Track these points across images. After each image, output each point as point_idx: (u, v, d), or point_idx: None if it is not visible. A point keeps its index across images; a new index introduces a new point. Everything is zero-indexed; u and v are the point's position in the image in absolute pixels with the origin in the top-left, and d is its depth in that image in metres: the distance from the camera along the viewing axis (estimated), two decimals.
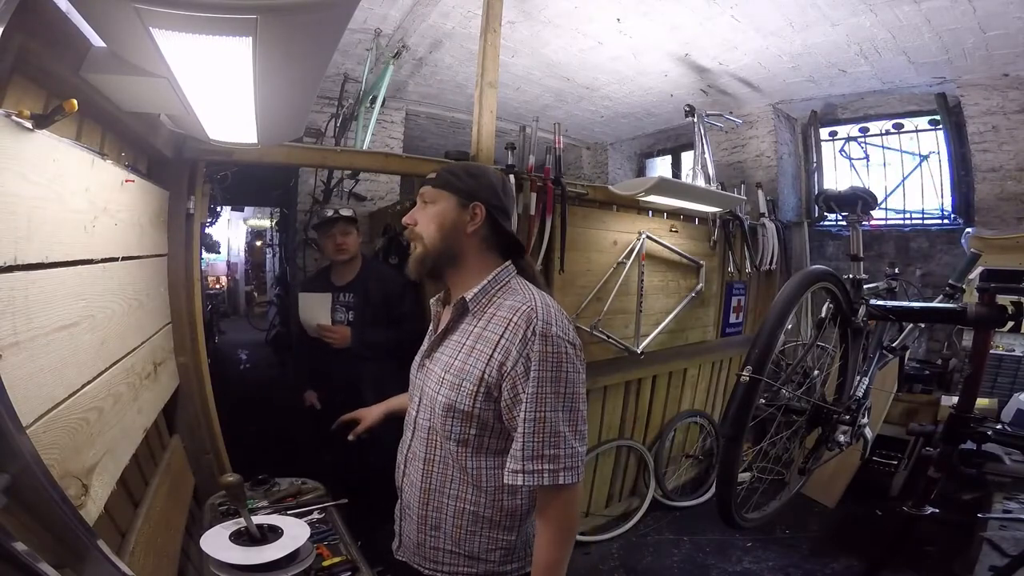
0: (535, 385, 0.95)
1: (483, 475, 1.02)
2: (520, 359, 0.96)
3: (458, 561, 1.05)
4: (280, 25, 0.74)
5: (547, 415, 0.95)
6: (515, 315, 0.99)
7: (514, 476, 0.96)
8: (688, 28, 2.99)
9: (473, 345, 1.02)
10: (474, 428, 1.01)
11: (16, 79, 0.80)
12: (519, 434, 0.96)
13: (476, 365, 1.00)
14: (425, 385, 1.10)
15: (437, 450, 1.06)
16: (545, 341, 0.96)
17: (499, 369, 0.98)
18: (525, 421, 0.95)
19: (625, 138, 5.39)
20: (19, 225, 0.78)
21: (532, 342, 0.96)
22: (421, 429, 1.09)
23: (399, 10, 2.87)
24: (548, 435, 0.95)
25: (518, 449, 0.96)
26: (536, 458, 0.95)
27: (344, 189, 3.91)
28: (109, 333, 1.14)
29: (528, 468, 0.95)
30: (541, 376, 0.95)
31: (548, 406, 0.95)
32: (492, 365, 0.98)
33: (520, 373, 0.96)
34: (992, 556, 1.91)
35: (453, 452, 1.03)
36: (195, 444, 1.84)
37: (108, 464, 1.04)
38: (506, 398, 0.98)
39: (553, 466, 0.94)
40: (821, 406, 1.92)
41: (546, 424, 0.95)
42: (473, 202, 1.07)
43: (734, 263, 3.49)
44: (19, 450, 0.63)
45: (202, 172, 1.89)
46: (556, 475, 0.94)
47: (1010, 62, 3.05)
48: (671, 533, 2.96)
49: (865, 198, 2.04)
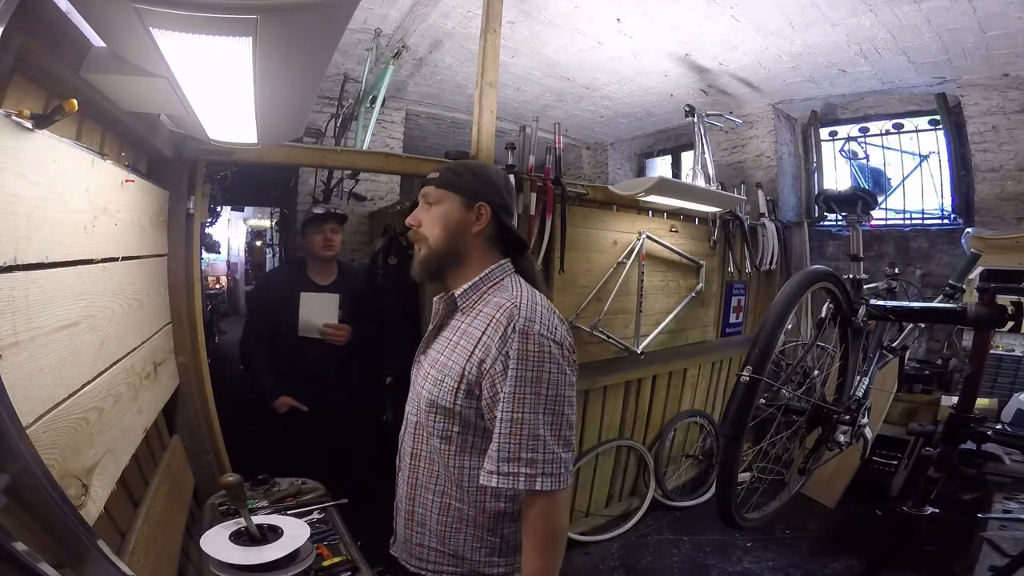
0: (513, 384, 0.92)
1: (465, 475, 1.00)
2: (499, 356, 0.93)
3: (443, 560, 1.04)
4: (280, 25, 0.74)
5: (525, 416, 0.91)
6: (498, 311, 0.97)
7: (488, 477, 0.93)
8: (688, 28, 2.99)
9: (457, 341, 1.02)
10: (456, 425, 0.99)
11: (16, 79, 0.80)
12: (496, 434, 0.93)
13: (457, 361, 0.99)
14: (415, 380, 1.10)
15: (423, 445, 1.05)
16: (526, 339, 0.93)
17: (479, 366, 0.96)
18: (502, 421, 0.92)
19: (625, 138, 5.39)
20: (19, 225, 0.78)
21: (512, 339, 0.93)
22: (410, 424, 1.09)
23: (399, 10, 2.87)
24: (526, 437, 0.91)
25: (494, 450, 0.93)
26: (512, 460, 0.91)
27: (344, 189, 3.91)
28: (109, 333, 1.14)
29: (503, 470, 0.91)
30: (520, 375, 0.92)
31: (527, 407, 0.92)
32: (472, 362, 0.97)
33: (499, 371, 0.93)
34: (992, 556, 1.91)
35: (438, 448, 1.02)
36: (195, 444, 1.84)
37: (108, 464, 1.04)
38: (486, 397, 0.96)
39: (530, 470, 0.91)
40: (821, 406, 1.92)
41: (524, 426, 0.91)
42: (478, 202, 1.06)
43: (734, 263, 3.49)
44: (19, 450, 0.63)
45: (202, 172, 1.88)
46: (533, 480, 0.91)
47: (1010, 62, 3.05)
48: (671, 533, 2.96)
49: (865, 198, 2.05)
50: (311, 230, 2.38)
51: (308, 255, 2.45)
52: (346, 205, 4.06)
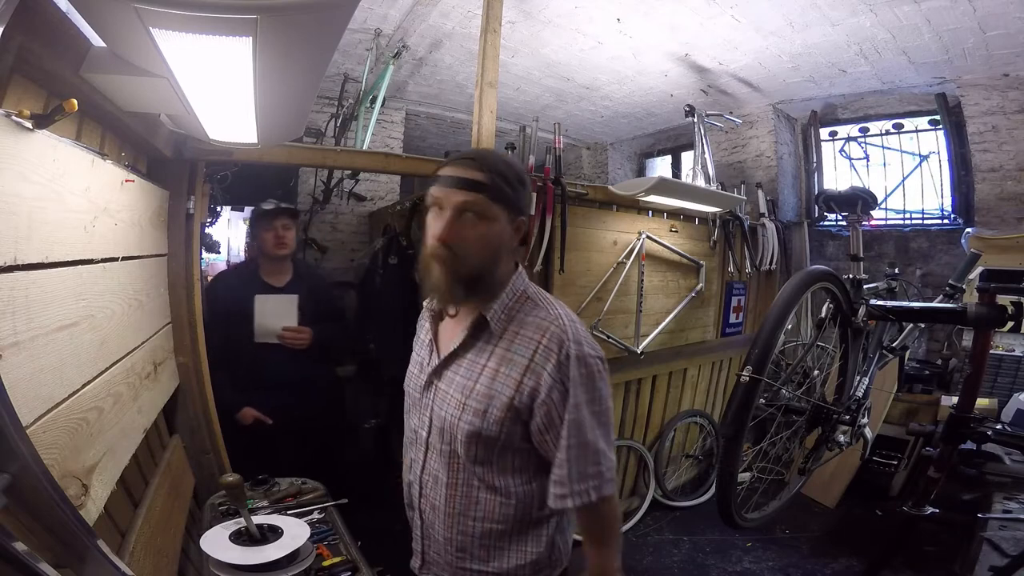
0: (575, 410, 0.93)
1: (510, 491, 0.99)
2: (555, 385, 0.93)
3: None
4: (280, 25, 0.74)
5: (587, 436, 0.94)
6: (544, 337, 0.94)
7: (561, 501, 0.94)
8: (688, 28, 2.99)
9: (497, 368, 0.96)
10: (498, 451, 0.98)
11: (16, 79, 0.80)
12: (562, 460, 0.94)
13: (503, 391, 0.95)
14: (438, 407, 1.01)
15: (460, 473, 1.01)
16: (580, 363, 0.93)
17: (530, 394, 0.94)
18: (568, 448, 0.93)
19: (625, 138, 5.39)
20: (19, 225, 0.78)
21: (567, 367, 0.93)
22: (440, 453, 1.02)
23: (399, 10, 2.87)
24: (590, 455, 0.94)
25: (563, 475, 0.93)
26: (582, 479, 0.94)
27: (344, 189, 3.91)
28: (109, 333, 1.14)
29: (575, 490, 0.93)
30: (579, 400, 0.93)
31: (587, 428, 0.94)
32: (522, 391, 0.94)
33: (556, 400, 0.93)
34: (992, 556, 1.90)
35: (477, 473, 0.99)
36: (195, 444, 1.84)
37: (108, 464, 1.04)
38: (538, 423, 0.95)
39: (597, 482, 0.94)
40: (821, 406, 1.93)
41: (588, 446, 0.94)
42: (521, 217, 0.99)
43: (734, 263, 3.49)
44: (19, 450, 0.63)
45: (202, 172, 1.88)
46: (600, 489, 0.95)
47: (1010, 62, 3.05)
48: (671, 533, 2.96)
49: (865, 198, 2.05)
50: (261, 227, 2.23)
51: (260, 255, 2.30)
52: (346, 205, 4.06)
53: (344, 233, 4.11)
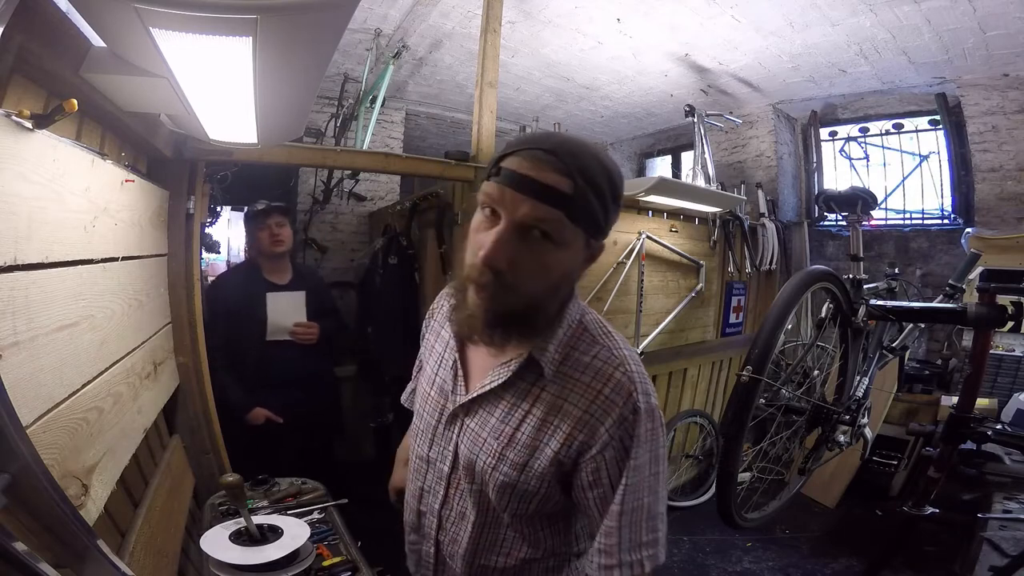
0: (634, 474, 0.77)
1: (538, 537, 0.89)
2: (611, 442, 0.77)
3: None
4: (280, 25, 0.74)
5: (645, 500, 0.78)
6: (605, 386, 0.78)
7: (607, 572, 0.77)
8: (688, 28, 2.99)
9: (544, 418, 0.80)
10: (534, 503, 0.84)
11: (16, 79, 0.80)
12: (611, 528, 0.78)
13: (550, 444, 0.79)
14: (465, 448, 0.86)
15: (489, 514, 0.88)
16: (648, 418, 0.78)
17: (579, 448, 0.78)
18: (621, 514, 0.77)
19: (625, 138, 5.39)
20: (19, 225, 0.78)
21: (632, 424, 0.77)
22: (468, 492, 0.88)
23: (399, 10, 2.87)
24: (646, 521, 0.78)
25: (612, 544, 0.77)
26: (634, 548, 0.78)
27: (344, 189, 3.91)
28: (109, 333, 1.14)
29: (626, 560, 0.77)
30: (641, 462, 0.78)
31: (646, 490, 0.79)
32: (570, 444, 0.78)
33: (609, 458, 0.77)
34: (992, 556, 1.91)
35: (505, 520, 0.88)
36: (195, 444, 1.84)
37: (108, 464, 1.04)
38: (583, 479, 0.79)
39: (652, 551, 0.78)
40: (821, 406, 1.93)
41: (644, 511, 0.78)
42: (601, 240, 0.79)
43: (734, 263, 3.49)
44: (19, 450, 0.63)
45: (202, 172, 1.88)
46: (656, 558, 0.79)
47: (1010, 62, 3.05)
48: (671, 533, 2.92)
49: (865, 198, 2.05)
50: (255, 227, 2.27)
51: (259, 254, 2.32)
52: (346, 205, 4.06)
53: (344, 233, 4.11)
